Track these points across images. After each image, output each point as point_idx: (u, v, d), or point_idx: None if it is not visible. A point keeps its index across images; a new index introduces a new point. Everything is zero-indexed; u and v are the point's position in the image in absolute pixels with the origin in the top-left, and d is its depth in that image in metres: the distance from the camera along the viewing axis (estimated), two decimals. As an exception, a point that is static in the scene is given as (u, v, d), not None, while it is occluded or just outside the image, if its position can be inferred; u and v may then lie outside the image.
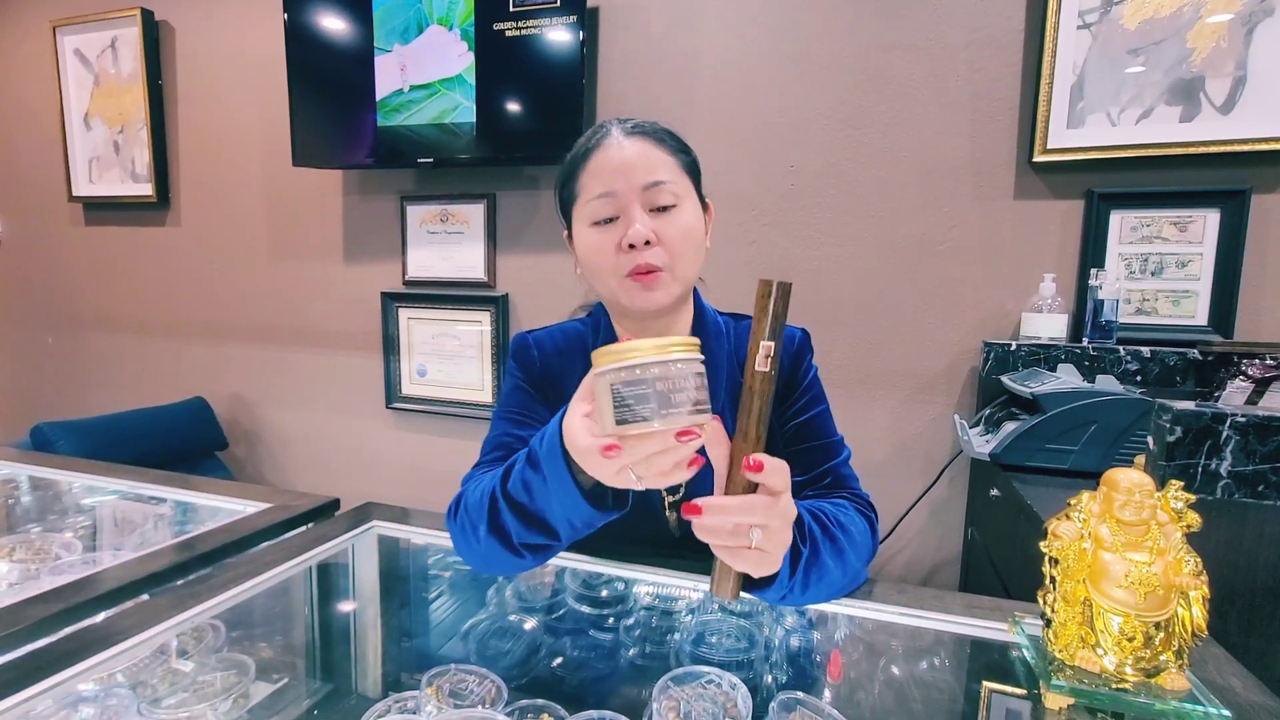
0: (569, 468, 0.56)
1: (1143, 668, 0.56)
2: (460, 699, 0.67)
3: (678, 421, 0.47)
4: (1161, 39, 1.40)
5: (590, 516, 0.58)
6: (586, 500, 0.56)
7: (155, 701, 0.69)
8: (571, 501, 0.57)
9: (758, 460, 0.51)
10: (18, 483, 1.20)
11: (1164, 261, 1.46)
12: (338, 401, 2.28)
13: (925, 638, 0.74)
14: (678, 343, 0.47)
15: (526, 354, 0.84)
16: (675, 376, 0.46)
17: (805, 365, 0.83)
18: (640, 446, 0.48)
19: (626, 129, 0.75)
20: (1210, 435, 0.88)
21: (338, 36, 1.97)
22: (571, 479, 0.56)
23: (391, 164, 2.01)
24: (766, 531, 0.52)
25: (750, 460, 0.51)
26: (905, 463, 1.67)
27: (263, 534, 0.89)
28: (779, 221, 1.73)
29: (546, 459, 0.57)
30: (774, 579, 0.59)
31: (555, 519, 0.60)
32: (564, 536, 0.62)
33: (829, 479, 0.79)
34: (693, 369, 0.48)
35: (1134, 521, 0.56)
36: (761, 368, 0.51)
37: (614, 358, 0.47)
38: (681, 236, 0.72)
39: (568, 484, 0.56)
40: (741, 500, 0.52)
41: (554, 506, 0.59)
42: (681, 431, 0.47)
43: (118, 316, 2.59)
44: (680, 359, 0.47)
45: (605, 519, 0.59)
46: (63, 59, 2.45)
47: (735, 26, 1.72)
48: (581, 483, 0.56)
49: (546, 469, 0.57)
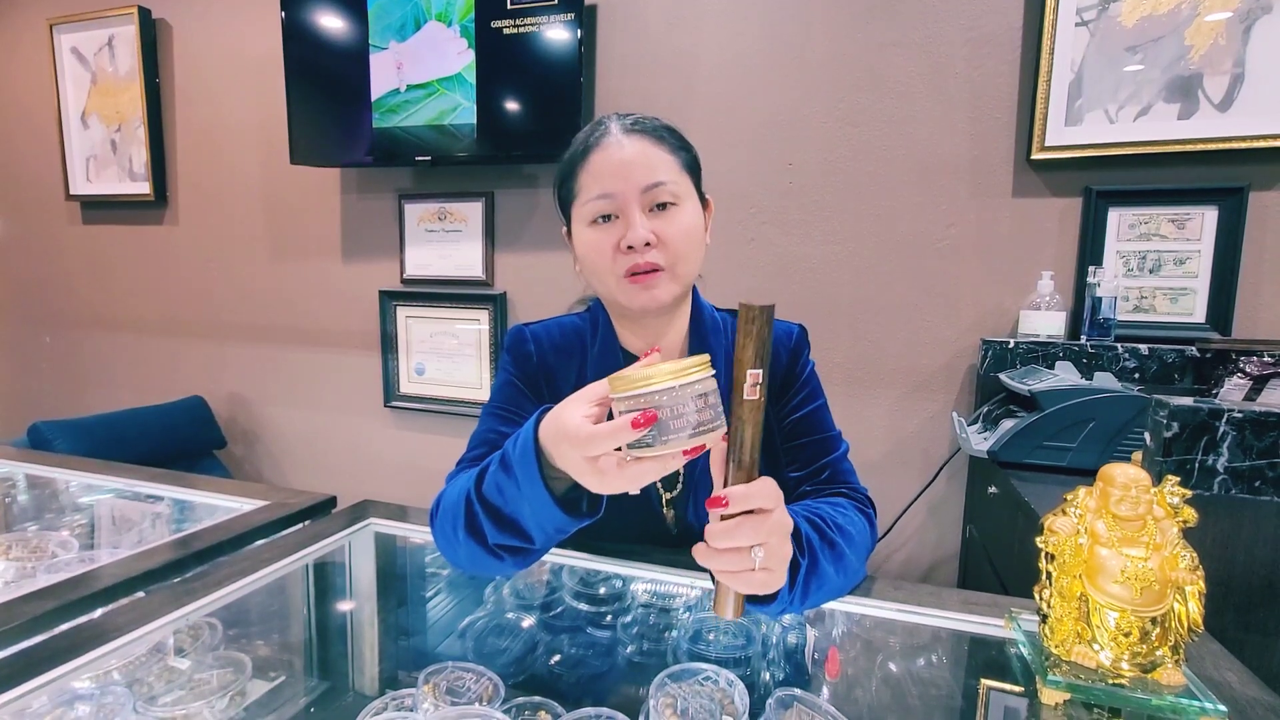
0: (542, 473, 0.55)
1: (1139, 663, 0.56)
2: (457, 697, 0.67)
3: (683, 445, 0.47)
4: (1159, 36, 1.40)
5: (562, 522, 0.56)
6: (558, 506, 0.55)
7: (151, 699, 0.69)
8: (543, 506, 0.56)
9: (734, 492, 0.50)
10: (14, 481, 1.20)
11: (1162, 259, 1.46)
12: (336, 400, 2.28)
13: (922, 634, 0.74)
14: (689, 367, 0.47)
15: (523, 348, 0.83)
16: (686, 399, 0.47)
17: (802, 361, 0.83)
18: (647, 466, 0.49)
19: (626, 126, 0.74)
20: (1207, 431, 0.88)
21: (335, 34, 1.96)
22: (543, 484, 0.55)
23: (389, 162, 2.00)
24: (766, 548, 0.52)
25: (723, 499, 0.50)
26: (903, 460, 1.67)
27: (259, 531, 0.89)
28: (777, 219, 1.73)
29: (519, 463, 0.56)
30: (775, 594, 0.58)
31: (528, 523, 0.59)
32: (538, 541, 0.60)
33: (827, 473, 0.79)
34: (707, 388, 0.48)
35: (1130, 517, 0.56)
36: (750, 396, 0.49)
37: (628, 385, 0.48)
38: (681, 236, 0.72)
39: (539, 489, 0.55)
40: (736, 523, 0.51)
41: (525, 510, 0.58)
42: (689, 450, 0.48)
43: (115, 315, 2.58)
44: (695, 380, 0.47)
45: (577, 525, 0.58)
46: (60, 57, 2.44)
47: (733, 24, 1.72)
48: (553, 488, 0.56)
49: (519, 472, 0.56)
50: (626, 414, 0.47)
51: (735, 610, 0.54)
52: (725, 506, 0.50)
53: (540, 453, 0.55)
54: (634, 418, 0.46)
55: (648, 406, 0.47)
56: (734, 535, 0.50)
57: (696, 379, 0.47)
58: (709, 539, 0.51)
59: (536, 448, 0.55)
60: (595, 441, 0.49)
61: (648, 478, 0.50)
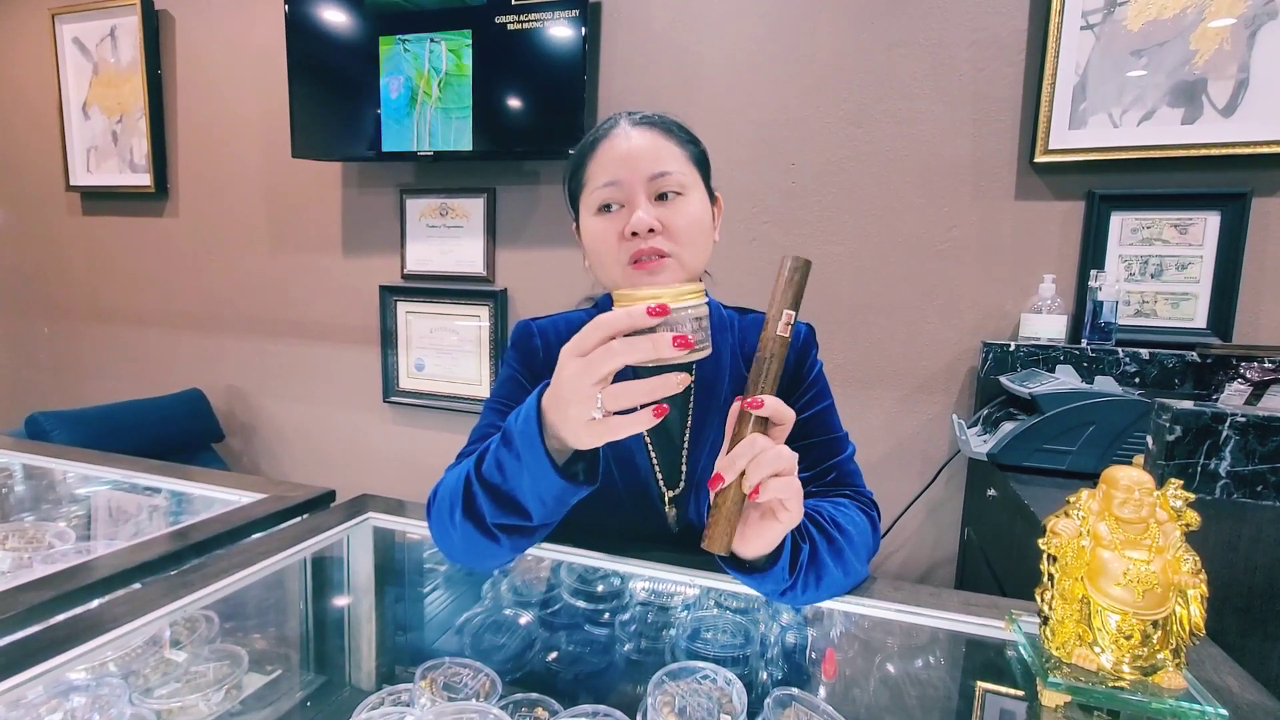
0: (543, 439, 0.55)
1: (1140, 666, 0.55)
2: (454, 692, 0.67)
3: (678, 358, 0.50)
4: (1164, 41, 1.39)
5: (560, 490, 0.57)
6: (556, 472, 0.55)
7: (147, 691, 0.69)
8: (542, 474, 0.56)
9: (759, 399, 0.54)
10: (11, 471, 1.19)
11: (1164, 263, 1.46)
12: (335, 394, 2.28)
13: (921, 635, 0.73)
14: (687, 292, 0.51)
15: (529, 343, 0.83)
16: (685, 320, 0.51)
17: (810, 360, 0.83)
18: (637, 344, 0.50)
19: (635, 120, 0.75)
20: (1210, 435, 0.87)
21: (339, 27, 1.96)
22: (544, 449, 0.55)
23: (391, 157, 2.00)
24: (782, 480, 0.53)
25: (753, 400, 0.54)
26: (903, 462, 1.67)
27: (257, 524, 0.89)
28: (779, 219, 1.73)
29: (520, 431, 0.57)
30: (775, 563, 0.59)
31: (526, 496, 0.59)
32: (536, 515, 0.61)
33: (833, 475, 0.79)
34: (700, 313, 0.52)
35: (1133, 519, 0.56)
36: (782, 333, 0.54)
37: (629, 300, 0.52)
38: (687, 225, 0.72)
39: (539, 454, 0.55)
40: (750, 439, 0.53)
41: (525, 482, 0.58)
42: (677, 337, 0.50)
43: (114, 307, 2.58)
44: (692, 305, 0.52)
45: (576, 494, 0.59)
46: (61, 47, 2.44)
47: (737, 23, 1.72)
48: (553, 455, 0.56)
49: (519, 442, 0.57)
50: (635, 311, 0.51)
51: (726, 543, 0.56)
52: (760, 407, 0.54)
53: (542, 424, 0.55)
54: (648, 306, 0.50)
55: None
56: (755, 443, 0.53)
57: (693, 304, 0.51)
58: (735, 455, 0.53)
59: (539, 415, 0.55)
60: (598, 328, 0.51)
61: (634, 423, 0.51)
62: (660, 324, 0.50)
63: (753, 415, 0.54)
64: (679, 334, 0.49)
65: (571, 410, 0.52)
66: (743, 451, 0.53)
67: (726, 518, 0.55)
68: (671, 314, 0.50)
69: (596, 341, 0.50)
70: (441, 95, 1.88)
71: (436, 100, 1.89)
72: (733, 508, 0.55)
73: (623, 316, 0.50)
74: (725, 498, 0.55)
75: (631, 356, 0.50)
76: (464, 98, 1.86)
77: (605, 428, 0.51)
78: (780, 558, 0.59)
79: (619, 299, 0.52)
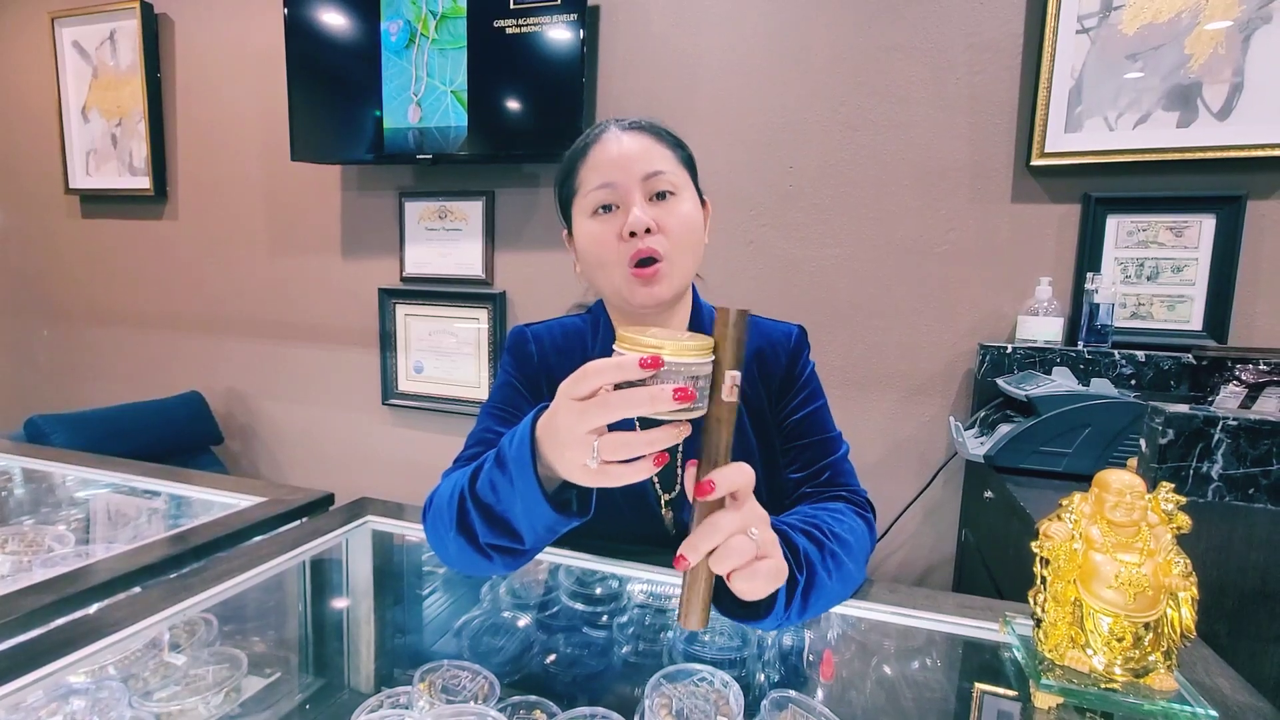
0: (535, 469, 0.54)
1: (1131, 668, 0.56)
2: (453, 695, 0.67)
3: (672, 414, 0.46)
4: (1160, 45, 1.40)
5: (552, 520, 0.56)
6: (549, 503, 0.55)
7: (147, 694, 0.69)
8: (535, 503, 0.55)
9: (709, 482, 0.49)
10: (11, 475, 1.19)
11: (1160, 266, 1.47)
12: (334, 397, 2.28)
13: (917, 637, 0.74)
14: (694, 348, 0.47)
15: (524, 348, 0.83)
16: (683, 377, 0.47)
17: (802, 361, 0.83)
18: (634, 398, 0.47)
19: (624, 125, 0.76)
20: (1202, 438, 0.88)
21: (339, 31, 1.96)
22: (536, 480, 0.54)
23: (390, 160, 2.00)
24: (760, 532, 0.51)
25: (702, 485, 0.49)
26: (900, 464, 1.68)
27: (256, 528, 0.89)
28: (777, 222, 1.74)
29: (514, 458, 0.56)
30: (770, 606, 0.57)
31: (519, 521, 0.58)
32: (528, 540, 0.60)
33: (827, 475, 0.79)
34: (702, 371, 0.48)
35: (1125, 523, 0.56)
36: (729, 398, 0.48)
37: (632, 344, 0.48)
38: (681, 225, 0.73)
39: (532, 484, 0.54)
40: (720, 513, 0.50)
41: (517, 508, 0.57)
42: (678, 390, 0.46)
43: (113, 309, 2.58)
44: (695, 362, 0.47)
45: (567, 525, 0.57)
46: (61, 51, 2.44)
47: (736, 27, 1.72)
48: (546, 487, 0.55)
49: (513, 468, 0.56)
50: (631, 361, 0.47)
51: (701, 619, 0.52)
52: (710, 492, 0.49)
53: (535, 450, 0.55)
54: (641, 358, 0.46)
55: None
56: (718, 525, 0.50)
57: (694, 361, 0.47)
58: (697, 539, 0.50)
59: (533, 442, 0.54)
60: (588, 378, 0.48)
61: (633, 472, 0.49)
62: (652, 377, 0.46)
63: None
64: (680, 386, 0.46)
65: (568, 454, 0.50)
66: (705, 534, 0.50)
67: (700, 595, 0.51)
68: (666, 368, 0.46)
69: (589, 391, 0.48)
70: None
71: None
72: (704, 585, 0.51)
73: (612, 368, 0.47)
74: (696, 576, 0.51)
75: (627, 410, 0.47)
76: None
77: (602, 475, 0.49)
78: (775, 601, 0.57)
79: (621, 340, 0.49)
